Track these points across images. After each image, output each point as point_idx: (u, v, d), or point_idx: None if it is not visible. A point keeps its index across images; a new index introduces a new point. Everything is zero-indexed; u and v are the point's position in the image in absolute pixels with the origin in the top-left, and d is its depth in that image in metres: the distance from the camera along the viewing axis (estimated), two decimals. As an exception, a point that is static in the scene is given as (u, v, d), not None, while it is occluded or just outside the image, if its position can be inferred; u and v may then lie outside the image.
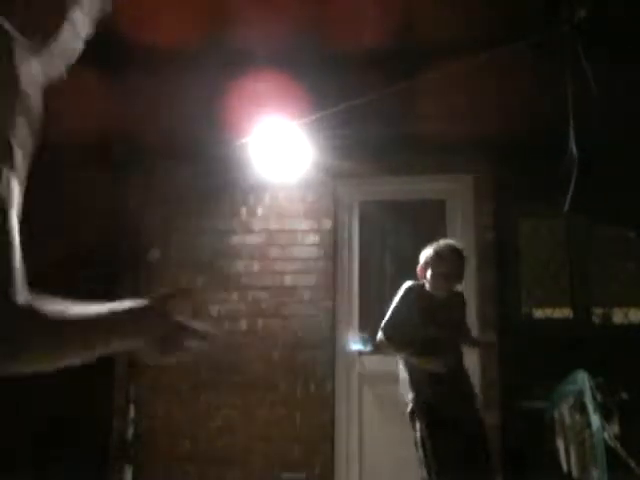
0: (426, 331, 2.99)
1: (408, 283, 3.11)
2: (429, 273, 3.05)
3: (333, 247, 4.30)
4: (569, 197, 3.04)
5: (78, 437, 4.04)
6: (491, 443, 3.07)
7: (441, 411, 2.86)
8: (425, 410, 2.89)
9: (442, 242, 3.12)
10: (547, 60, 3.06)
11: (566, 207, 3.05)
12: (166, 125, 3.99)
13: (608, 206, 3.88)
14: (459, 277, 3.07)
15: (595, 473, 3.07)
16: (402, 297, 3.05)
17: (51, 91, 1.60)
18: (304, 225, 4.34)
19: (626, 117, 3.51)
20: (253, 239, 4.37)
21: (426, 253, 3.09)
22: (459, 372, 3.03)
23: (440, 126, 3.89)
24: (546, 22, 2.81)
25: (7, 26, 0.90)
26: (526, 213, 4.19)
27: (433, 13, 2.92)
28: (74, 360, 0.97)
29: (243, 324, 4.25)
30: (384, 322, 3.04)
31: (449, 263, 3.03)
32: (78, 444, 4.01)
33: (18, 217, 0.79)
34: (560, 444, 3.54)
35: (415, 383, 2.95)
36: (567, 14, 2.75)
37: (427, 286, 3.08)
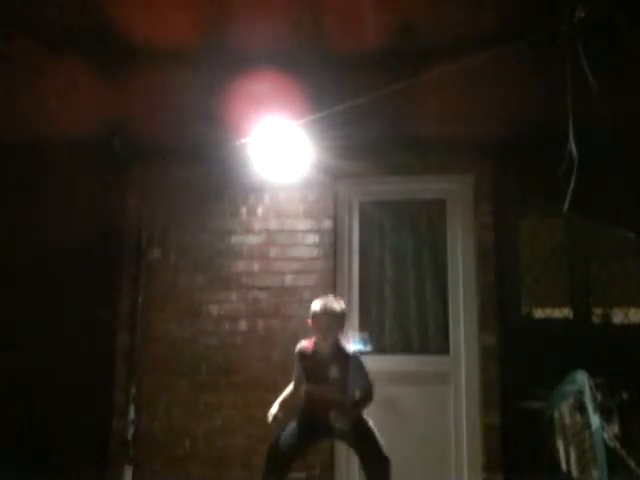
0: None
1: (298, 345, 3.31)
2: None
3: (333, 247, 4.30)
4: (568, 197, 3.03)
5: (78, 437, 4.04)
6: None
7: None
8: None
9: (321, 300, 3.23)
10: (547, 60, 3.05)
11: (565, 207, 3.04)
12: (166, 125, 3.99)
13: (608, 206, 3.88)
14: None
15: (595, 473, 3.07)
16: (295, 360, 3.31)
17: (52, 91, 1.60)
18: (304, 225, 4.34)
19: (626, 117, 3.51)
20: (253, 239, 4.37)
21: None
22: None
23: (440, 126, 3.89)
24: (546, 22, 2.81)
25: None
26: (526, 213, 4.19)
27: (433, 13, 2.92)
28: None
29: (243, 324, 4.25)
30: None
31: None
32: (78, 444, 4.01)
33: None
34: (560, 444, 3.54)
35: None
36: (567, 14, 2.75)
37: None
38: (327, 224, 4.32)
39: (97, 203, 4.34)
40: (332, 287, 4.23)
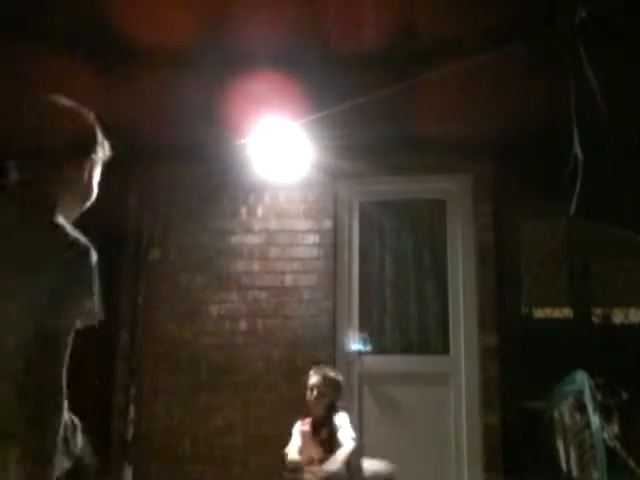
0: None
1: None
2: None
3: (333, 247, 4.30)
4: (574, 200, 3.03)
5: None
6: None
7: None
8: None
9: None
10: (547, 60, 3.06)
11: (572, 210, 3.04)
12: (166, 125, 3.99)
13: (608, 206, 3.88)
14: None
15: (595, 473, 3.06)
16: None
17: (51, 91, 1.60)
18: (304, 225, 4.34)
19: (626, 117, 3.51)
20: (253, 239, 4.37)
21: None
22: None
23: (440, 126, 3.89)
24: (546, 22, 2.81)
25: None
26: (526, 213, 4.19)
27: (433, 13, 2.92)
28: None
29: (243, 324, 4.25)
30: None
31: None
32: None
33: None
34: (560, 444, 3.54)
35: None
36: (567, 14, 2.75)
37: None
38: (327, 224, 4.32)
39: (97, 203, 4.33)
40: (332, 287, 4.23)
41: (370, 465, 3.39)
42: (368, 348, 4.20)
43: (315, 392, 3.32)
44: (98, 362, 4.22)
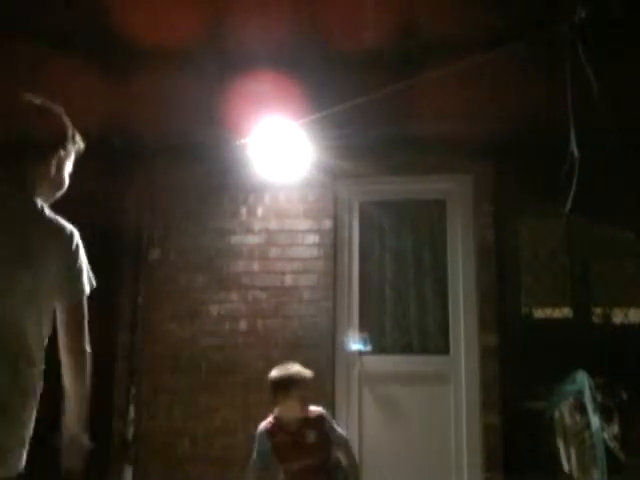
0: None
1: (259, 427, 3.12)
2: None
3: (333, 247, 4.30)
4: (570, 198, 3.03)
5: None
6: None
7: None
8: None
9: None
10: (547, 60, 3.06)
11: (568, 207, 3.04)
12: (166, 125, 3.99)
13: (608, 206, 3.88)
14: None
15: (595, 473, 3.07)
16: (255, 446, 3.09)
17: (51, 91, 1.60)
18: (304, 225, 4.34)
19: (626, 117, 3.51)
20: (253, 239, 4.37)
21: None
22: None
23: (440, 126, 3.89)
24: (546, 22, 2.81)
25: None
26: (526, 213, 4.19)
27: (433, 13, 2.92)
28: None
29: (243, 324, 4.25)
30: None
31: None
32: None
33: None
34: (560, 444, 3.54)
35: None
36: (567, 14, 2.75)
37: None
38: (327, 224, 4.31)
39: (97, 203, 4.34)
40: (332, 287, 4.23)
41: None
42: (368, 348, 4.20)
43: (296, 392, 3.02)
44: (98, 362, 4.21)
